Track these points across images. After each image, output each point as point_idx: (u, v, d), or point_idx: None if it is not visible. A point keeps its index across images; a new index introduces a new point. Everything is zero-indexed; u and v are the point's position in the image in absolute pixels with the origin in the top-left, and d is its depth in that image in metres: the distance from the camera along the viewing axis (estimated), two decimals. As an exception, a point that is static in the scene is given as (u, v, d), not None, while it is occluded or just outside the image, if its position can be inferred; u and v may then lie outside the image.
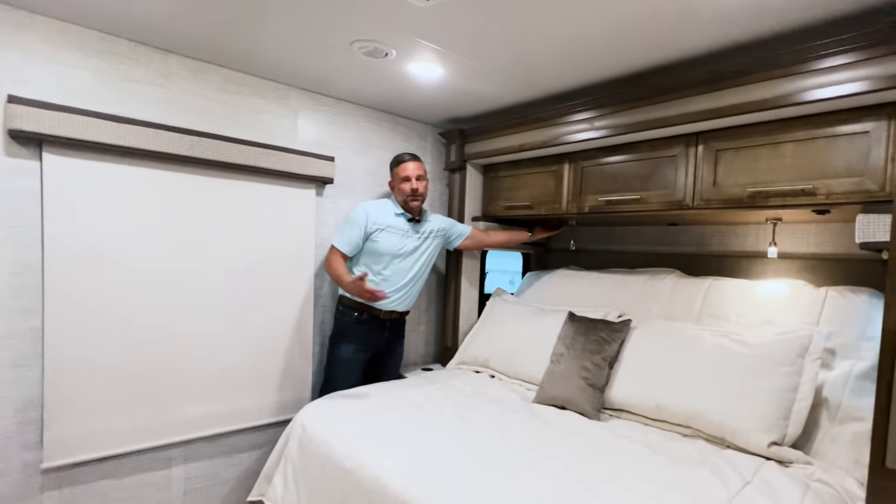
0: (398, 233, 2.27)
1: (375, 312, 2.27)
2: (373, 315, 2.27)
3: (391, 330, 2.36)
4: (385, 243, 2.23)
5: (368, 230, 2.22)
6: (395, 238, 2.26)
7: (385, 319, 2.30)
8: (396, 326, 2.40)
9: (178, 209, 2.00)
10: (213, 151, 2.03)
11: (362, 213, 2.23)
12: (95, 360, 1.84)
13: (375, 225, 2.23)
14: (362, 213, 2.23)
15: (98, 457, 1.87)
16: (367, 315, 2.26)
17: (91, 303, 1.82)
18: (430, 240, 2.39)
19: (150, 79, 1.94)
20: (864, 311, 1.69)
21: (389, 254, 2.24)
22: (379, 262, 2.25)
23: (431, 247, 2.40)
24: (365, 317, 2.26)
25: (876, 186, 1.45)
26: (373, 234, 2.22)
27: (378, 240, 2.22)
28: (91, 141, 1.75)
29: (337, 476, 1.56)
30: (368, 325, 2.27)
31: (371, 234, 2.22)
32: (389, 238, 2.24)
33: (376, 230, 2.22)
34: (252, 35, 1.81)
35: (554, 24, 1.61)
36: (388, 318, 2.31)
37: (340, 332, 2.31)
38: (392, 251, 2.25)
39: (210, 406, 2.12)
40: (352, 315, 2.26)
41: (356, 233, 2.20)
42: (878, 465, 1.32)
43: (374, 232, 2.22)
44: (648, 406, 1.79)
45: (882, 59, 1.38)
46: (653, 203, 1.98)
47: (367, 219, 2.22)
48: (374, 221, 2.23)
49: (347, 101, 2.54)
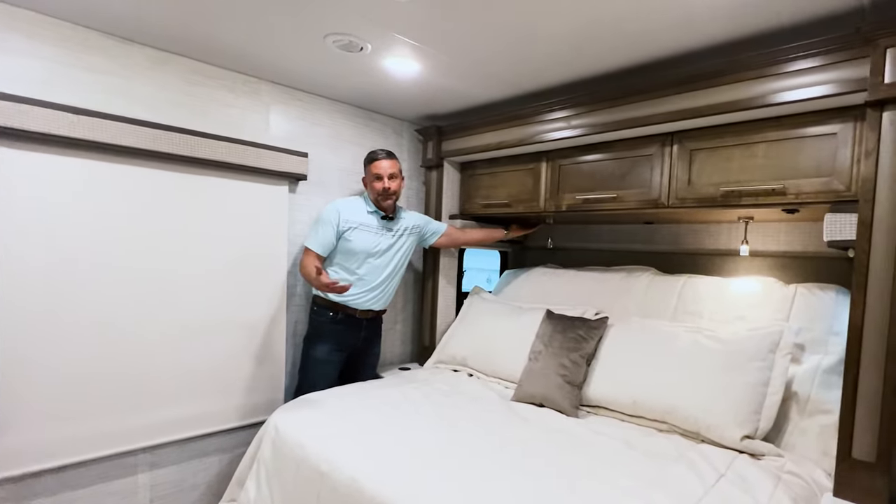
0: (371, 231, 2.23)
1: (351, 312, 2.22)
2: (348, 314, 2.22)
3: (367, 329, 2.32)
4: (358, 242, 2.19)
5: (341, 229, 2.17)
6: (368, 236, 2.22)
7: (361, 319, 2.26)
8: (373, 326, 2.36)
9: (141, 206, 1.92)
10: (179, 146, 1.94)
11: (334, 212, 2.18)
12: (52, 364, 1.74)
13: (348, 223, 2.18)
14: (334, 211, 2.18)
15: (56, 465, 1.77)
16: (342, 315, 2.21)
17: (47, 305, 1.72)
18: (404, 237, 2.35)
19: (109, 69, 1.84)
20: (831, 307, 1.75)
21: (363, 252, 2.20)
22: (353, 261, 2.20)
23: (406, 244, 2.37)
24: (340, 316, 2.21)
25: (843, 186, 1.50)
26: (345, 232, 2.18)
27: (351, 239, 2.18)
28: (43, 133, 1.65)
29: (312, 479, 1.52)
30: (344, 324, 2.23)
31: (344, 232, 2.18)
32: (363, 237, 2.20)
33: (349, 229, 2.18)
34: (221, 25, 1.73)
35: (531, 22, 1.60)
36: (365, 317, 2.27)
37: (315, 332, 2.25)
38: (366, 250, 2.21)
39: (177, 409, 2.04)
40: (326, 315, 2.22)
41: (329, 232, 2.16)
42: (845, 455, 1.37)
43: (346, 231, 2.18)
44: (625, 402, 1.81)
45: (847, 63, 1.42)
46: (629, 201, 2.00)
47: (339, 217, 2.17)
48: (347, 220, 2.18)
49: (321, 96, 2.48)
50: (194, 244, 2.06)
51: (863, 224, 1.36)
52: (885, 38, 1.32)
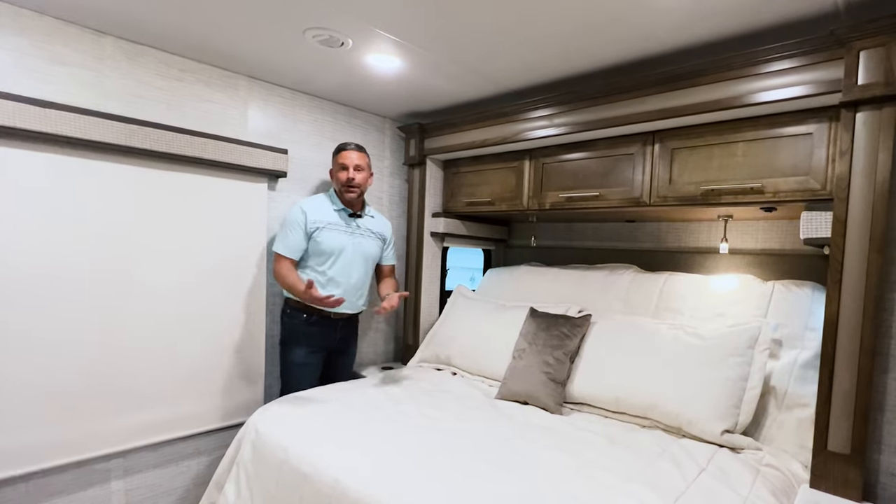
0: (340, 230, 2.17)
1: (325, 314, 2.16)
2: (323, 316, 2.17)
3: (343, 330, 2.26)
4: (328, 242, 2.12)
5: (309, 230, 2.10)
6: (337, 235, 2.15)
7: (336, 320, 2.21)
8: (349, 326, 2.30)
9: (115, 203, 1.86)
10: (154, 141, 1.89)
11: (300, 214, 2.11)
12: (20, 367, 1.68)
13: (315, 224, 2.11)
14: (299, 213, 2.11)
15: (25, 472, 1.71)
16: (316, 317, 2.16)
17: (15, 307, 1.66)
18: (373, 239, 2.29)
19: (80, 61, 1.77)
20: (807, 303, 1.78)
21: (333, 252, 2.14)
22: (323, 261, 2.14)
23: (374, 245, 2.30)
24: (315, 318, 2.16)
25: (819, 185, 1.53)
26: (314, 233, 2.11)
27: (320, 239, 2.11)
28: (11, 127, 1.58)
29: (295, 481, 1.49)
30: (319, 326, 2.17)
31: (312, 233, 2.11)
32: (332, 236, 2.14)
33: (317, 229, 2.11)
34: (196, 17, 1.68)
35: (514, 20, 1.60)
36: (340, 317, 2.21)
37: (291, 335, 2.19)
38: (336, 249, 2.14)
39: (152, 412, 1.98)
40: (300, 317, 2.16)
41: (297, 235, 2.09)
42: (821, 448, 1.40)
43: (314, 231, 2.11)
44: (608, 399, 1.82)
45: (823, 65, 1.45)
46: (611, 200, 2.01)
47: (305, 218, 2.10)
48: (314, 220, 2.11)
49: (301, 92, 2.43)
50: (170, 243, 2.00)
51: (837, 222, 1.39)
52: (858, 41, 1.35)
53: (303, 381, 2.15)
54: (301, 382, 2.14)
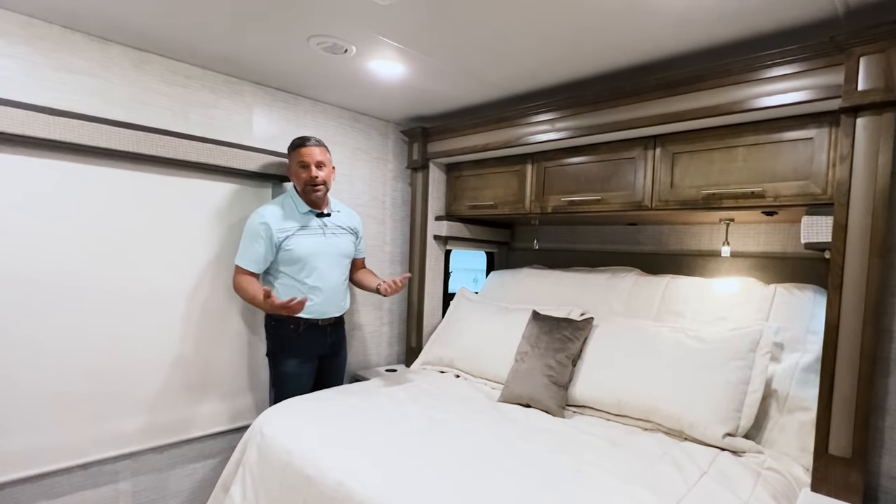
0: (311, 233, 2.06)
1: (313, 322, 2.09)
2: (311, 324, 2.08)
3: (333, 334, 2.20)
4: (300, 248, 2.01)
5: (277, 239, 1.98)
6: (309, 240, 2.04)
7: (325, 326, 2.14)
8: (338, 328, 2.25)
9: (120, 209, 1.88)
10: (160, 147, 1.91)
11: (261, 224, 1.97)
12: (29, 371, 1.71)
13: (283, 232, 1.99)
14: (260, 223, 1.97)
15: (35, 474, 1.73)
16: (304, 325, 2.06)
17: (23, 312, 1.69)
18: (345, 235, 2.19)
19: (87, 69, 1.80)
20: (809, 306, 1.79)
21: (307, 257, 2.03)
22: (300, 269, 2.03)
23: (348, 242, 2.20)
24: (303, 327, 2.06)
25: (819, 190, 1.53)
26: (283, 242, 1.99)
27: (291, 247, 2.00)
28: (20, 134, 1.61)
29: (299, 483, 1.51)
30: (308, 335, 2.09)
31: (282, 242, 1.99)
32: (303, 241, 2.02)
33: (286, 237, 1.99)
34: (202, 25, 1.71)
35: (517, 25, 1.61)
36: (327, 323, 2.15)
37: (279, 347, 2.10)
38: (310, 254, 2.03)
39: (159, 415, 2.01)
40: (287, 328, 2.06)
41: (260, 247, 1.97)
42: (822, 451, 1.41)
43: (284, 240, 1.99)
44: (610, 402, 1.83)
45: (823, 70, 1.46)
46: (613, 203, 2.02)
47: (269, 229, 1.97)
48: (280, 228, 1.99)
49: (305, 98, 2.45)
50: (176, 248, 2.03)
51: (838, 226, 1.40)
52: (858, 47, 1.36)
53: (297, 392, 2.07)
54: (296, 393, 2.07)
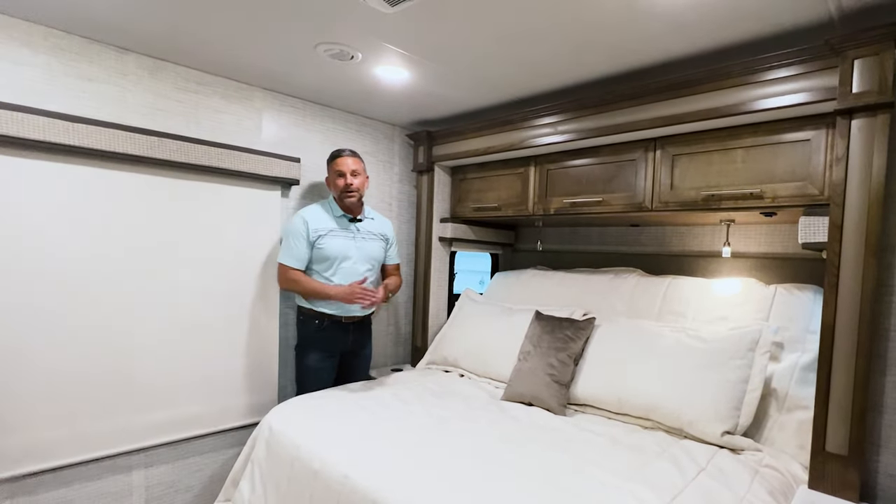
0: (342, 235, 2.23)
1: (336, 318, 2.22)
2: (334, 321, 2.22)
3: (356, 333, 2.32)
4: (330, 248, 2.18)
5: (312, 238, 2.16)
6: (339, 241, 2.21)
7: (347, 323, 2.26)
8: (361, 328, 2.35)
9: (137, 211, 1.95)
10: (174, 152, 1.98)
11: (301, 224, 2.17)
12: (50, 366, 1.77)
13: (317, 232, 2.17)
14: (301, 223, 2.17)
15: (53, 466, 1.80)
16: (328, 322, 2.22)
17: (45, 308, 1.75)
18: (375, 241, 2.33)
19: (105, 77, 1.87)
20: (808, 306, 1.80)
21: (336, 257, 2.19)
22: (328, 267, 2.19)
23: (377, 247, 2.34)
24: (326, 324, 2.22)
25: (816, 191, 1.56)
26: (316, 240, 2.17)
27: (323, 245, 2.17)
28: (41, 140, 1.68)
29: (306, 477, 1.56)
30: (331, 331, 2.23)
31: (315, 241, 2.17)
32: (334, 242, 2.19)
33: (319, 236, 2.17)
34: (214, 34, 1.77)
35: (518, 32, 1.65)
36: (351, 321, 2.27)
37: (304, 341, 2.27)
38: (339, 254, 2.19)
39: (172, 410, 2.07)
40: (313, 323, 2.23)
41: (301, 244, 2.16)
42: (819, 449, 1.42)
43: (317, 239, 2.17)
44: (611, 400, 1.86)
45: (819, 73, 1.48)
46: (615, 205, 2.05)
47: (307, 227, 2.16)
48: (315, 228, 2.17)
49: (313, 102, 2.51)
50: (189, 248, 2.09)
51: (834, 227, 1.42)
52: (852, 50, 1.38)
53: (318, 385, 2.22)
54: (316, 386, 2.21)
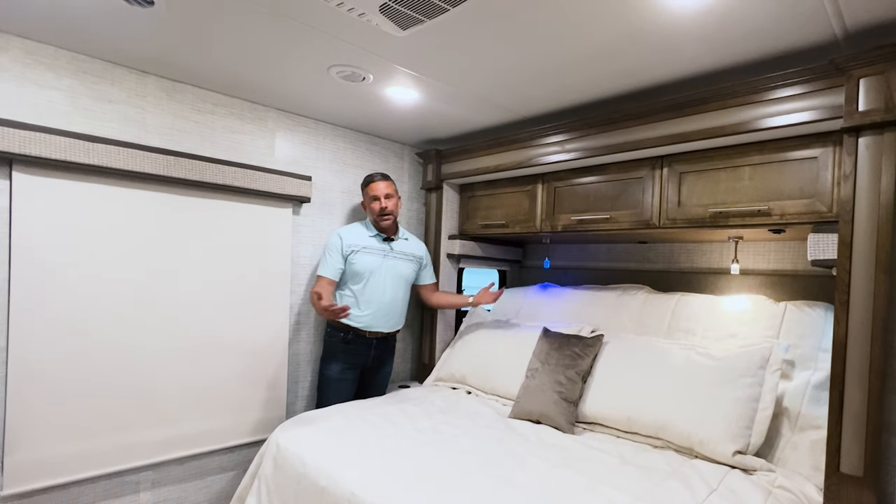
0: (374, 252, 2.34)
1: (360, 333, 2.31)
2: (358, 335, 2.31)
3: (378, 349, 2.39)
4: (361, 264, 2.29)
5: (345, 253, 2.28)
6: (370, 258, 2.32)
7: (371, 339, 2.34)
8: (384, 345, 2.42)
9: (153, 228, 1.99)
10: (190, 171, 2.03)
11: (337, 239, 2.31)
12: (62, 382, 1.80)
13: (351, 247, 2.29)
14: (336, 238, 2.31)
15: (62, 482, 1.81)
16: (352, 335, 2.31)
17: (59, 323, 1.79)
18: (406, 261, 2.44)
19: (125, 99, 1.94)
20: (819, 323, 1.78)
21: (366, 273, 2.30)
22: (358, 281, 2.30)
23: (409, 268, 2.45)
24: (350, 336, 2.31)
25: (825, 208, 1.56)
26: (350, 256, 2.29)
27: (355, 261, 2.29)
28: (63, 160, 1.74)
29: (312, 495, 1.55)
30: (354, 344, 2.32)
31: (348, 256, 2.29)
32: (366, 258, 2.31)
33: (352, 252, 2.29)
34: (229, 58, 1.83)
35: (526, 54, 1.69)
36: (374, 337, 2.35)
37: (328, 352, 2.36)
38: (369, 270, 2.30)
39: (180, 427, 2.08)
40: (338, 336, 2.32)
41: (336, 258, 2.28)
42: (834, 470, 1.40)
43: (350, 254, 2.29)
44: (620, 418, 1.84)
45: (825, 91, 1.50)
46: (622, 222, 2.06)
47: (342, 243, 2.29)
48: (350, 244, 2.30)
49: (325, 122, 2.57)
50: (201, 265, 2.13)
51: (843, 243, 1.42)
52: (858, 69, 1.40)
53: (338, 396, 2.29)
54: (336, 397, 2.28)
